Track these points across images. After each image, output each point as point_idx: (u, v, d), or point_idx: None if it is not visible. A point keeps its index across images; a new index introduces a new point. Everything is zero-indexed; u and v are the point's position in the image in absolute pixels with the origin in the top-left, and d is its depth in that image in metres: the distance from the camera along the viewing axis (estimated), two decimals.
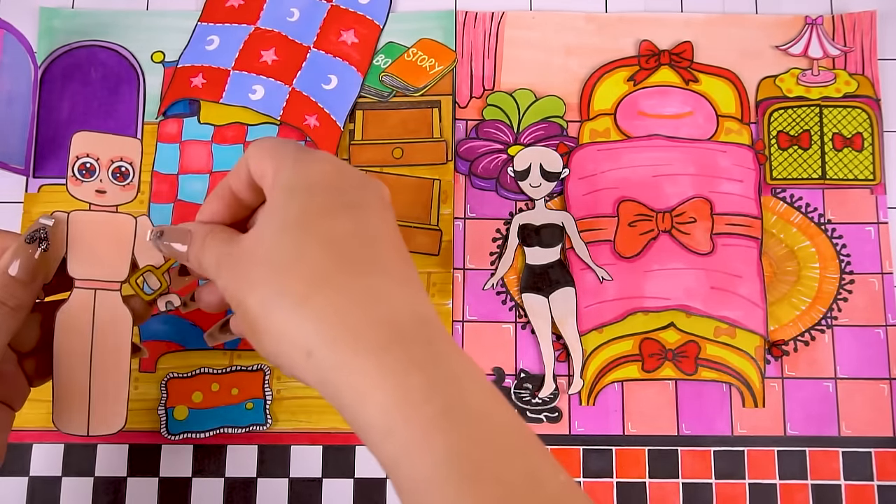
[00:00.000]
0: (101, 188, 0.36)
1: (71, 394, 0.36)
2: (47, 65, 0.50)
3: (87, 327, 0.36)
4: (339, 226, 0.30)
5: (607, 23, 0.52)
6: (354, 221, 0.30)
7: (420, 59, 0.51)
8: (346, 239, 0.30)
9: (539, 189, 0.50)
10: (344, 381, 0.27)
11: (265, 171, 0.32)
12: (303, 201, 0.30)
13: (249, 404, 0.47)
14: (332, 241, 0.29)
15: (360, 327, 0.28)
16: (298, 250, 0.29)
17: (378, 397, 0.27)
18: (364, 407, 0.27)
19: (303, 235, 0.29)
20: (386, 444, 0.27)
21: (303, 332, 0.28)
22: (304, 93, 0.50)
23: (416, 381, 0.27)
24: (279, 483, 0.46)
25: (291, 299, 0.28)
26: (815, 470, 0.46)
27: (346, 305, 0.28)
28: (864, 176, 0.50)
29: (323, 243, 0.29)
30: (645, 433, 0.47)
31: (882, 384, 0.48)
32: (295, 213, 0.30)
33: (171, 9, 0.52)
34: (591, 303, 0.49)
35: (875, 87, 0.51)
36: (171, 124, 0.50)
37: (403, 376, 0.27)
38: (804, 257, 0.49)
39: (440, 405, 0.27)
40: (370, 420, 0.27)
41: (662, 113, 0.51)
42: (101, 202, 0.36)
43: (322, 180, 0.31)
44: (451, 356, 0.28)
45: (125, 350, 0.37)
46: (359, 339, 0.27)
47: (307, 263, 0.29)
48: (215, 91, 0.49)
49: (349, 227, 0.30)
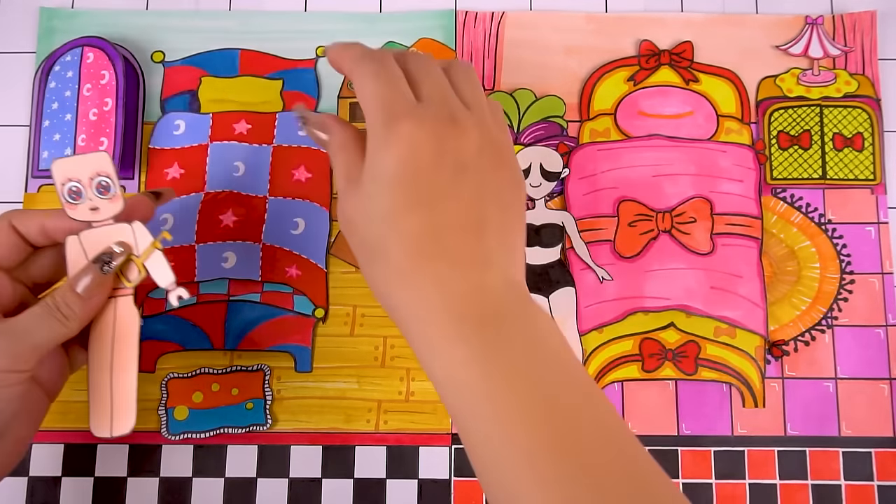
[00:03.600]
0: (94, 206, 0.38)
1: (101, 398, 0.39)
2: (47, 64, 0.50)
3: (109, 334, 0.39)
4: (415, 222, 0.33)
5: (607, 23, 0.52)
6: (430, 216, 0.33)
7: None
8: (420, 233, 0.33)
9: (539, 189, 0.50)
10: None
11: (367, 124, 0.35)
12: (390, 198, 0.33)
13: (249, 404, 0.47)
14: (409, 236, 0.33)
15: (437, 315, 0.32)
16: (383, 243, 0.33)
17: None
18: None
19: (387, 230, 0.33)
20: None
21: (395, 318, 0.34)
22: (276, 245, 0.49)
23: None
24: (279, 483, 0.46)
25: (380, 291, 0.34)
26: (816, 470, 0.46)
27: (423, 297, 0.33)
28: (865, 176, 0.50)
29: (402, 238, 0.33)
30: (645, 433, 0.47)
31: (882, 384, 0.47)
32: (383, 208, 0.33)
33: (171, 9, 0.52)
34: (591, 303, 0.49)
35: (875, 87, 0.51)
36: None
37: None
38: (804, 257, 0.49)
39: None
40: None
41: (662, 113, 0.51)
42: (98, 218, 0.39)
43: (399, 172, 0.33)
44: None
45: (136, 350, 0.39)
46: (436, 326, 0.32)
47: (390, 256, 0.33)
48: (187, 271, 0.48)
49: (422, 223, 0.33)
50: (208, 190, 0.49)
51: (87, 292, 0.37)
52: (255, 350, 0.48)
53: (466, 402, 0.31)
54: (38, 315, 0.36)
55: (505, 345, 0.31)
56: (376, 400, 0.47)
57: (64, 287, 0.37)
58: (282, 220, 0.49)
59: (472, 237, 0.33)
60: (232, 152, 0.50)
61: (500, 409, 0.30)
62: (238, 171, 0.50)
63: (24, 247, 0.39)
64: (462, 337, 0.31)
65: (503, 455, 0.29)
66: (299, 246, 0.49)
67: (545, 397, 0.30)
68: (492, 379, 0.30)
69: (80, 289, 0.37)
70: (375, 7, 0.52)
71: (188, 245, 0.48)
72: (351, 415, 0.47)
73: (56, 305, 0.36)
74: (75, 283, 0.37)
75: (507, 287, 0.33)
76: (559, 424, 0.30)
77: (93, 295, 0.37)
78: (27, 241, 0.39)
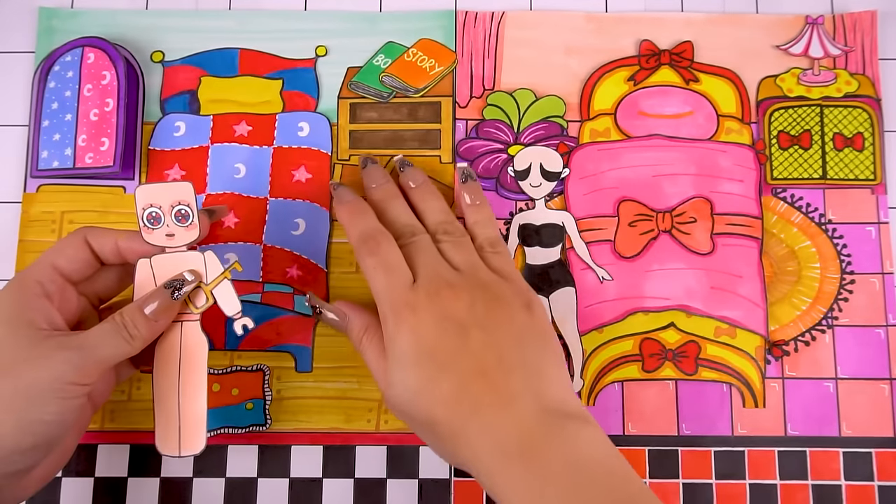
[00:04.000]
0: (170, 232, 0.40)
1: (168, 419, 0.40)
2: (46, 64, 0.50)
3: (176, 357, 0.41)
4: (446, 386, 0.38)
5: (607, 22, 0.52)
6: (447, 383, 0.39)
7: (420, 59, 0.51)
8: (447, 402, 0.38)
9: (539, 189, 0.50)
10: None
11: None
12: (416, 373, 0.39)
13: (249, 405, 0.47)
14: (440, 403, 0.38)
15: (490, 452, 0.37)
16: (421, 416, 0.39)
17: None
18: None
19: (419, 409, 0.39)
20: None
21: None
22: (277, 246, 0.49)
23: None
24: (279, 483, 0.46)
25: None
26: (816, 470, 0.46)
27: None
28: (865, 176, 0.50)
29: (436, 402, 0.39)
30: (645, 433, 0.47)
31: (882, 384, 0.48)
32: (413, 383, 0.39)
33: (171, 8, 0.52)
34: (591, 303, 0.49)
35: (876, 87, 0.51)
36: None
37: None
38: (805, 257, 0.49)
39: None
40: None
41: (663, 113, 0.51)
42: (173, 244, 0.40)
43: (415, 347, 0.40)
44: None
45: (205, 375, 0.41)
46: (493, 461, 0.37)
47: (415, 421, 0.40)
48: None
49: (447, 392, 0.39)
50: (209, 192, 0.49)
51: (154, 315, 0.38)
52: (255, 350, 0.48)
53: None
54: (106, 332, 0.37)
55: (548, 472, 0.35)
56: (376, 400, 0.47)
57: (132, 307, 0.38)
58: (282, 221, 0.49)
59: (495, 380, 0.37)
60: (232, 154, 0.50)
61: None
62: (239, 173, 0.50)
63: (94, 263, 0.40)
64: (512, 473, 0.35)
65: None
66: (300, 246, 0.49)
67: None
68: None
69: (149, 311, 0.38)
70: (375, 7, 0.52)
71: None
72: (351, 415, 0.47)
73: (124, 324, 0.37)
74: (144, 304, 0.38)
75: (541, 415, 0.37)
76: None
77: (159, 318, 0.38)
78: (98, 258, 0.40)
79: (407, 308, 0.39)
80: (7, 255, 0.49)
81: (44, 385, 0.35)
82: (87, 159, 0.48)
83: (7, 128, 0.51)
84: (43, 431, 0.36)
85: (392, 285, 0.40)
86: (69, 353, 0.36)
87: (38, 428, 0.35)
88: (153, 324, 0.38)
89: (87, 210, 0.49)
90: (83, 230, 0.40)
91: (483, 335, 0.38)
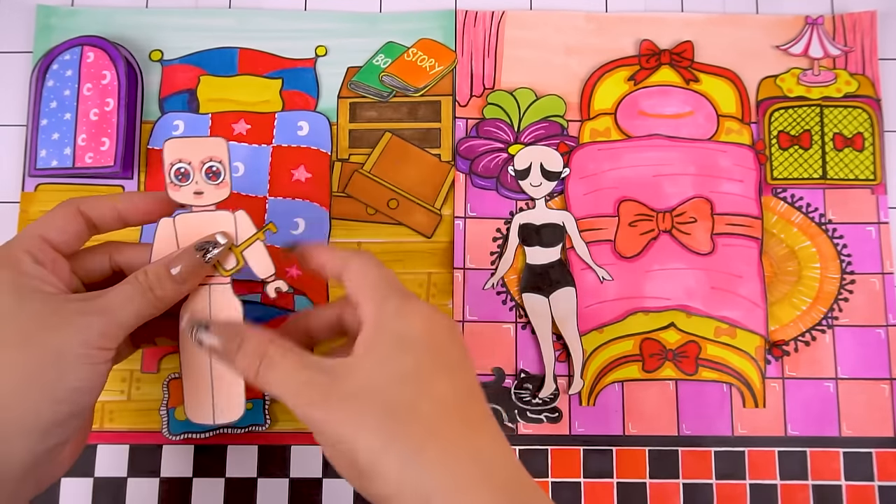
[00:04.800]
0: (199, 189, 0.38)
1: (197, 386, 0.38)
2: (44, 63, 0.49)
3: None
4: (443, 385, 0.33)
5: (607, 22, 0.52)
6: (452, 382, 0.33)
7: (420, 59, 0.51)
8: (448, 397, 0.33)
9: (539, 188, 0.50)
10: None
11: (364, 308, 0.35)
12: (414, 358, 0.33)
13: (249, 404, 0.47)
14: (439, 399, 0.32)
15: (475, 482, 0.31)
16: (413, 403, 0.32)
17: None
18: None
19: (417, 390, 0.32)
20: None
21: (421, 481, 0.30)
22: (277, 245, 0.48)
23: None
24: (279, 483, 0.46)
25: (406, 451, 0.31)
26: (816, 470, 0.46)
27: (459, 459, 0.31)
28: (865, 176, 0.50)
29: (432, 400, 0.32)
30: (645, 433, 0.47)
31: (882, 384, 0.48)
32: (408, 368, 0.33)
33: (170, 6, 0.52)
34: (591, 303, 0.49)
35: (875, 87, 0.51)
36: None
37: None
38: (805, 257, 0.49)
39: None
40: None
41: (663, 113, 0.51)
42: (200, 202, 0.38)
43: (423, 337, 0.34)
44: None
45: None
46: (476, 492, 0.30)
47: (421, 416, 0.31)
48: None
49: (449, 387, 0.33)
50: None
51: (181, 276, 0.36)
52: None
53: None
54: (129, 293, 0.35)
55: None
56: None
57: (157, 266, 0.36)
58: (282, 221, 0.49)
59: (485, 408, 0.34)
60: (231, 153, 0.49)
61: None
62: (237, 172, 0.50)
63: (86, 234, 0.38)
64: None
65: None
66: None
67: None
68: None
69: (175, 272, 0.36)
70: (375, 7, 0.52)
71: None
72: None
73: (149, 285, 0.35)
74: (171, 264, 0.36)
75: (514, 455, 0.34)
76: None
77: (186, 280, 0.36)
78: (90, 228, 0.38)
79: (420, 300, 0.35)
80: None
81: (71, 351, 0.33)
82: (86, 159, 0.48)
83: (4, 127, 0.50)
84: (77, 399, 0.34)
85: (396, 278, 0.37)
86: (92, 318, 0.34)
87: (73, 396, 0.33)
88: (179, 286, 0.36)
89: None
90: (75, 200, 0.37)
91: (472, 367, 0.36)
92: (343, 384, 0.32)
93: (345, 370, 0.33)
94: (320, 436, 0.33)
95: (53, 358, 0.33)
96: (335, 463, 0.33)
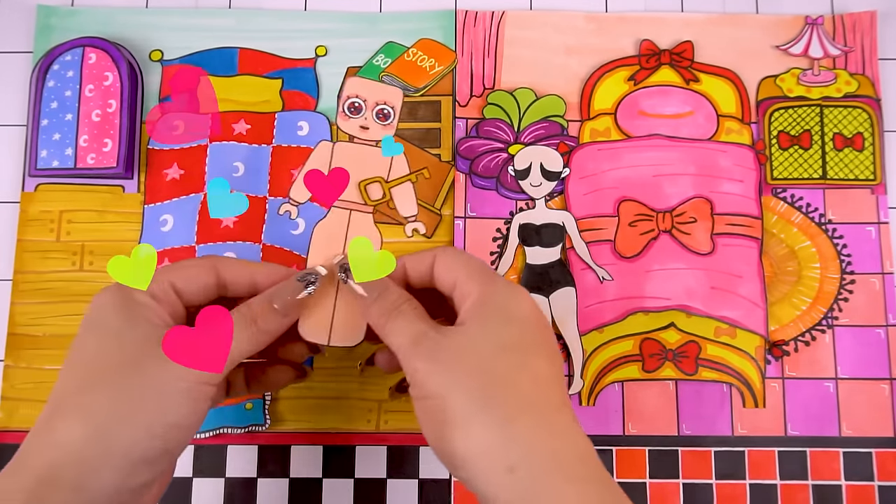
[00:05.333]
0: (365, 125, 0.41)
1: (317, 303, 0.38)
2: (44, 63, 0.49)
3: (339, 242, 0.40)
4: (542, 363, 0.34)
5: (607, 22, 0.52)
6: (549, 362, 0.34)
7: (420, 59, 0.51)
8: (546, 378, 0.33)
9: (539, 188, 0.50)
10: (546, 500, 0.30)
11: (465, 286, 0.35)
12: (520, 332, 0.34)
13: (249, 404, 0.47)
14: (536, 377, 0.33)
15: (563, 457, 0.31)
16: (512, 373, 0.32)
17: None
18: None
19: (517, 362, 0.33)
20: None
21: (507, 449, 0.31)
22: (277, 245, 0.48)
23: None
24: (279, 483, 0.46)
25: (499, 416, 0.31)
26: (816, 470, 0.46)
27: (548, 434, 0.32)
28: (865, 176, 0.50)
29: (531, 374, 0.33)
30: (645, 433, 0.47)
31: (882, 384, 0.48)
32: (513, 339, 0.34)
33: (170, 6, 0.52)
34: (591, 303, 0.49)
35: (875, 87, 0.51)
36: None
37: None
38: (805, 257, 0.49)
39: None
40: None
41: (663, 112, 0.51)
42: (364, 136, 0.41)
43: (530, 316, 0.35)
44: (623, 498, 0.32)
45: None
46: (563, 467, 0.31)
47: (517, 388, 0.32)
48: None
49: (548, 370, 0.34)
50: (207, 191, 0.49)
51: (284, 309, 0.36)
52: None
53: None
54: (234, 325, 0.35)
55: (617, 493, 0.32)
56: (376, 400, 0.47)
57: (260, 300, 0.36)
58: (282, 220, 0.49)
59: (567, 394, 0.35)
60: (231, 152, 0.50)
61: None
62: (237, 172, 0.50)
63: (213, 292, 0.37)
64: (588, 492, 0.31)
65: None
66: (299, 246, 0.49)
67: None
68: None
69: (279, 305, 0.36)
70: (375, 7, 0.52)
71: (188, 246, 0.48)
72: (351, 415, 0.47)
73: (253, 318, 0.35)
74: (273, 297, 0.36)
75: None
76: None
77: (288, 312, 0.36)
78: (223, 287, 0.37)
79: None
80: (6, 254, 0.49)
81: (173, 385, 0.32)
82: (89, 160, 0.48)
83: (4, 127, 0.50)
84: (172, 436, 0.32)
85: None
86: None
87: (169, 432, 0.32)
88: (281, 318, 0.36)
89: (85, 209, 0.49)
90: (213, 258, 0.37)
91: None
92: (451, 342, 0.33)
93: (454, 332, 0.34)
94: (417, 387, 0.33)
95: (155, 389, 0.32)
96: (421, 417, 0.34)
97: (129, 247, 0.49)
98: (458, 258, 0.37)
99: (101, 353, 0.33)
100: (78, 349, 0.33)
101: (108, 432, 0.31)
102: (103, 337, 0.33)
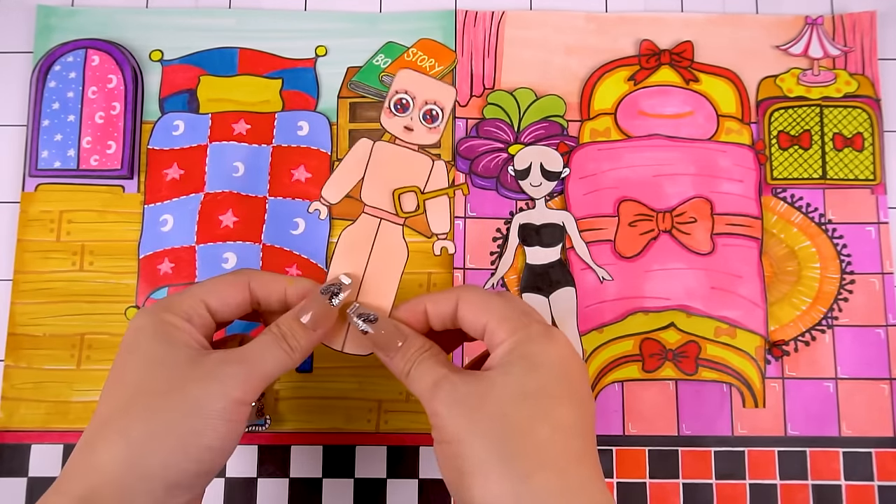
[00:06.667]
0: (410, 126, 0.39)
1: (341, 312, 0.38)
2: (45, 63, 0.49)
3: (365, 250, 0.38)
4: (567, 415, 0.33)
5: (607, 22, 0.52)
6: (577, 414, 0.33)
7: (420, 59, 0.51)
8: (569, 428, 0.32)
9: (539, 188, 0.50)
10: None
11: (496, 335, 0.35)
12: (544, 379, 0.33)
13: None
14: (557, 426, 0.32)
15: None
16: (531, 423, 0.32)
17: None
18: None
19: (538, 411, 0.32)
20: None
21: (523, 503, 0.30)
22: (277, 245, 0.48)
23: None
24: (279, 483, 0.46)
25: (516, 470, 0.31)
26: (816, 470, 0.46)
27: (563, 491, 0.31)
28: (865, 176, 0.50)
29: (551, 425, 0.32)
30: (645, 433, 0.47)
31: (882, 384, 0.48)
32: (536, 387, 0.33)
33: (170, 7, 0.52)
34: (591, 303, 0.49)
35: (875, 87, 0.51)
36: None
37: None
38: (805, 257, 0.49)
39: None
40: None
41: (663, 113, 0.51)
42: (407, 139, 0.38)
43: (558, 362, 0.34)
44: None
45: (393, 282, 0.38)
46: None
47: (535, 439, 0.32)
48: (187, 272, 0.48)
49: (572, 418, 0.33)
50: (208, 191, 0.49)
51: (312, 324, 0.36)
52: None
53: None
54: (266, 344, 0.35)
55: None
56: (377, 400, 0.47)
57: (288, 317, 0.36)
58: (282, 220, 0.49)
59: (594, 446, 0.34)
60: (231, 153, 0.50)
61: None
62: (237, 172, 0.50)
63: (247, 308, 0.38)
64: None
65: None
66: (298, 246, 0.49)
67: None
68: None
69: (306, 320, 0.36)
70: (375, 7, 0.52)
71: (188, 246, 0.48)
72: (351, 415, 0.47)
73: (283, 335, 0.36)
74: (300, 313, 0.36)
75: None
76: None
77: (318, 326, 0.37)
78: (256, 304, 0.38)
79: (563, 336, 0.35)
80: (6, 254, 0.49)
81: (211, 406, 0.32)
82: (92, 161, 0.48)
83: (4, 127, 0.50)
84: (208, 459, 0.33)
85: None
86: (232, 367, 0.33)
87: (205, 455, 0.32)
88: (311, 333, 0.36)
89: (85, 209, 0.49)
90: (247, 273, 0.38)
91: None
92: (472, 388, 0.33)
93: (476, 378, 0.34)
94: (438, 431, 0.33)
95: (193, 410, 0.32)
96: (441, 461, 0.34)
97: (130, 247, 0.49)
98: (485, 302, 0.36)
99: (139, 377, 0.33)
100: (118, 373, 0.34)
101: (146, 456, 0.31)
102: (142, 361, 0.34)
